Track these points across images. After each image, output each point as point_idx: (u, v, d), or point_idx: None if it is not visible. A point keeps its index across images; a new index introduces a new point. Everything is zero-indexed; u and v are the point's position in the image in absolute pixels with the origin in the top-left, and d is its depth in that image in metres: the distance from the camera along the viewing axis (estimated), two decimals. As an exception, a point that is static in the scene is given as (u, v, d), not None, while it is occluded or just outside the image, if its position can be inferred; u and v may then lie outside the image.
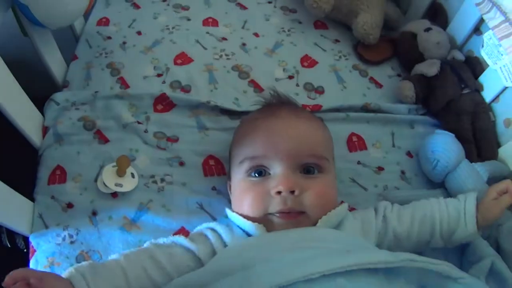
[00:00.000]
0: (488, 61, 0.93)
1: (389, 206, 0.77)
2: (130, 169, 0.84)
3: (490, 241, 0.77)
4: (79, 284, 0.58)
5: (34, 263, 0.77)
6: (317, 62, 1.09)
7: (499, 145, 0.95)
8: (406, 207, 0.77)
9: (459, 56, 1.04)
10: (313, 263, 0.55)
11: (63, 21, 0.91)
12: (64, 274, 0.60)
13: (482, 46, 0.93)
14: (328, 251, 0.61)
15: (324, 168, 0.73)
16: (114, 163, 0.83)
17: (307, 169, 0.72)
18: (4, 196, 0.73)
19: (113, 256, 0.67)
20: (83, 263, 0.63)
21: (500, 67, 0.89)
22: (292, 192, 0.68)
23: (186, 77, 1.02)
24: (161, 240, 0.71)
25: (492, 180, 0.86)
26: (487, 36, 0.90)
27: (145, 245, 0.71)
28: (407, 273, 0.59)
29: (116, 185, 0.82)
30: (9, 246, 0.92)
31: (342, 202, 0.77)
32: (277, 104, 0.83)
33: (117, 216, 0.81)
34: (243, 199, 0.72)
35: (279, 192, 0.68)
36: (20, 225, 0.78)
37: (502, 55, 0.88)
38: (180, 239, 0.70)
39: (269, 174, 0.71)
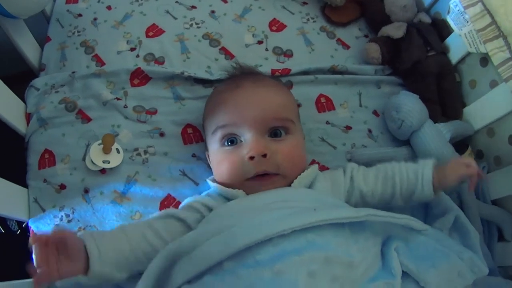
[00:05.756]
0: (454, 27, 0.93)
1: (356, 167, 0.83)
2: (115, 145, 0.89)
3: (453, 196, 0.84)
4: (90, 242, 0.65)
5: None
6: (285, 26, 1.11)
7: (464, 105, 0.98)
8: (371, 168, 0.83)
9: (426, 19, 1.05)
10: (285, 221, 0.63)
11: (34, 9, 0.92)
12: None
13: (448, 12, 0.93)
14: (299, 210, 0.69)
15: (290, 129, 0.80)
16: (100, 141, 0.88)
17: (274, 132, 0.79)
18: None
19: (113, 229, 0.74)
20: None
21: (465, 34, 0.90)
22: (264, 155, 0.75)
23: (158, 49, 1.04)
24: (155, 214, 0.78)
25: (457, 139, 0.93)
26: (453, 3, 0.90)
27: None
28: (372, 226, 0.68)
29: (104, 162, 0.87)
30: (18, 231, 0.96)
31: (313, 161, 0.84)
32: (240, 76, 0.89)
33: (108, 191, 0.87)
34: (222, 169, 0.79)
35: (252, 158, 0.75)
36: (17, 213, 0.83)
37: (467, 22, 0.88)
38: (172, 211, 0.77)
39: (241, 141, 0.78)
